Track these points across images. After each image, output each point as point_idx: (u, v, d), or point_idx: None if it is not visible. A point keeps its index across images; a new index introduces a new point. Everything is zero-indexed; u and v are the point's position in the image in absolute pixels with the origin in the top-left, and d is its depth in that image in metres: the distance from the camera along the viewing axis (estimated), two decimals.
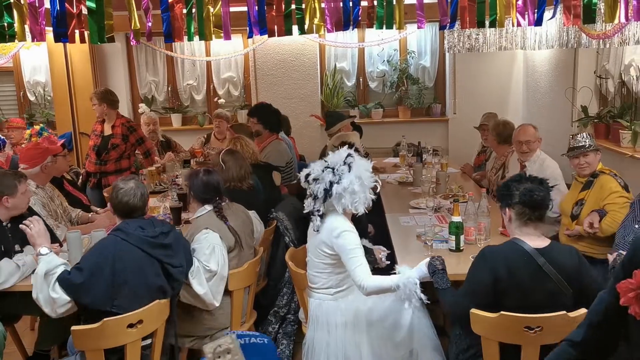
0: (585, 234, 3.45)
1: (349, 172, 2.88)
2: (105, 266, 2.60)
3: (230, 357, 1.38)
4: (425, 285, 2.73)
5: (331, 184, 2.87)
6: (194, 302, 3.01)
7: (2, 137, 5.68)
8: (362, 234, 3.36)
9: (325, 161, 2.97)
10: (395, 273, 2.73)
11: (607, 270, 2.71)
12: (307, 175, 2.98)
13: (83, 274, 2.58)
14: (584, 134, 3.64)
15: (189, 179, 3.28)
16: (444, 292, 2.61)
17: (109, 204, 2.93)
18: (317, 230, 2.95)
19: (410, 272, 2.67)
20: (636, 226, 3.17)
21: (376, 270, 3.11)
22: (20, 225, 2.90)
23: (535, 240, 2.50)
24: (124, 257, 2.64)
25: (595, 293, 2.41)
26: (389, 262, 3.29)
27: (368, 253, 3.27)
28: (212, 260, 3.00)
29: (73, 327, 2.52)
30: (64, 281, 2.59)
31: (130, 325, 2.59)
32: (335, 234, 2.85)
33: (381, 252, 3.30)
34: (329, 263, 2.94)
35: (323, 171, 2.92)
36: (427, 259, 2.74)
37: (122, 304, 2.61)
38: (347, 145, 3.39)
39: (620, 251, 2.80)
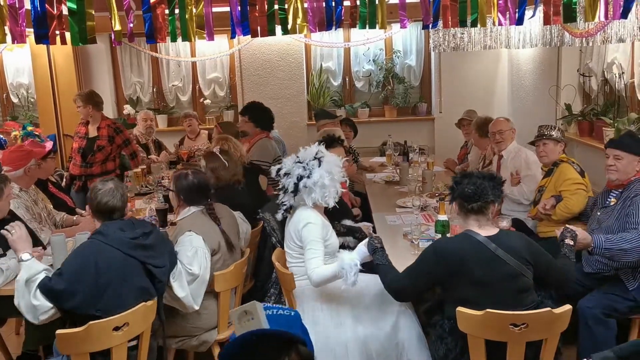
0: (541, 216, 3.75)
1: (319, 166, 3.01)
2: (87, 270, 2.56)
3: (253, 320, 1.44)
4: None
5: (301, 177, 3.00)
6: (174, 305, 2.98)
7: (2, 137, 5.61)
8: (345, 215, 3.59)
9: (297, 156, 3.10)
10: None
11: (557, 245, 2.90)
12: (279, 169, 3.12)
13: (64, 280, 2.54)
14: (551, 125, 3.92)
15: (176, 180, 3.23)
16: (383, 267, 2.76)
17: (87, 206, 2.88)
18: (285, 223, 3.11)
19: (350, 255, 2.78)
20: (598, 213, 3.36)
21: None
22: (2, 231, 2.83)
23: (485, 230, 2.62)
24: (105, 259, 2.60)
25: (548, 265, 2.63)
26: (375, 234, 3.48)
27: (357, 231, 3.53)
28: (195, 263, 2.96)
29: (58, 331, 2.49)
30: (45, 288, 2.55)
31: (116, 328, 2.56)
32: (301, 226, 2.98)
33: (368, 228, 3.59)
34: (302, 253, 3.00)
35: (293, 166, 3.05)
36: (366, 240, 2.85)
37: (105, 307, 2.58)
38: (335, 140, 3.50)
39: (566, 226, 2.98)
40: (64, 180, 5.32)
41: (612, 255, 2.97)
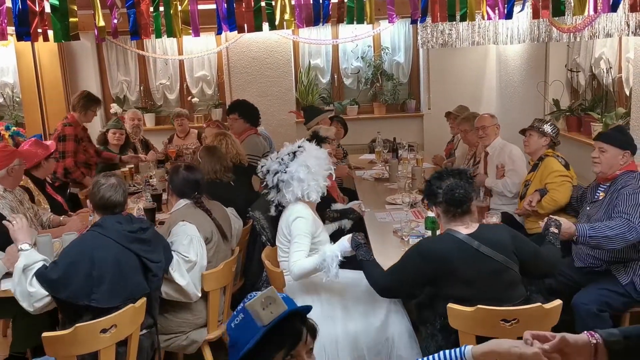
0: (528, 211, 3.76)
1: (293, 160, 3.06)
2: (83, 260, 2.60)
3: (274, 304, 1.57)
4: None
5: (276, 172, 3.07)
6: (176, 296, 3.01)
7: None
8: (330, 202, 3.67)
9: (277, 153, 3.21)
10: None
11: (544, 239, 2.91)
12: (263, 167, 3.19)
13: (60, 268, 2.58)
14: (546, 119, 3.95)
15: (170, 173, 3.35)
16: (367, 263, 2.74)
17: (88, 201, 2.91)
18: (277, 217, 3.16)
19: (332, 247, 2.81)
20: (588, 208, 3.36)
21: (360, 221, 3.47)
22: (4, 222, 2.91)
23: (466, 228, 2.60)
24: (102, 251, 2.64)
25: (535, 254, 2.61)
26: (368, 209, 3.76)
27: (349, 212, 3.61)
28: (191, 250, 3.03)
29: (44, 334, 2.45)
30: (41, 276, 2.59)
31: (104, 331, 2.53)
32: (292, 219, 3.02)
33: (359, 206, 3.67)
34: None
35: (273, 162, 3.13)
36: (349, 235, 2.85)
37: (100, 298, 2.59)
38: (320, 139, 3.50)
39: (550, 216, 3.02)
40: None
41: (597, 243, 2.96)
